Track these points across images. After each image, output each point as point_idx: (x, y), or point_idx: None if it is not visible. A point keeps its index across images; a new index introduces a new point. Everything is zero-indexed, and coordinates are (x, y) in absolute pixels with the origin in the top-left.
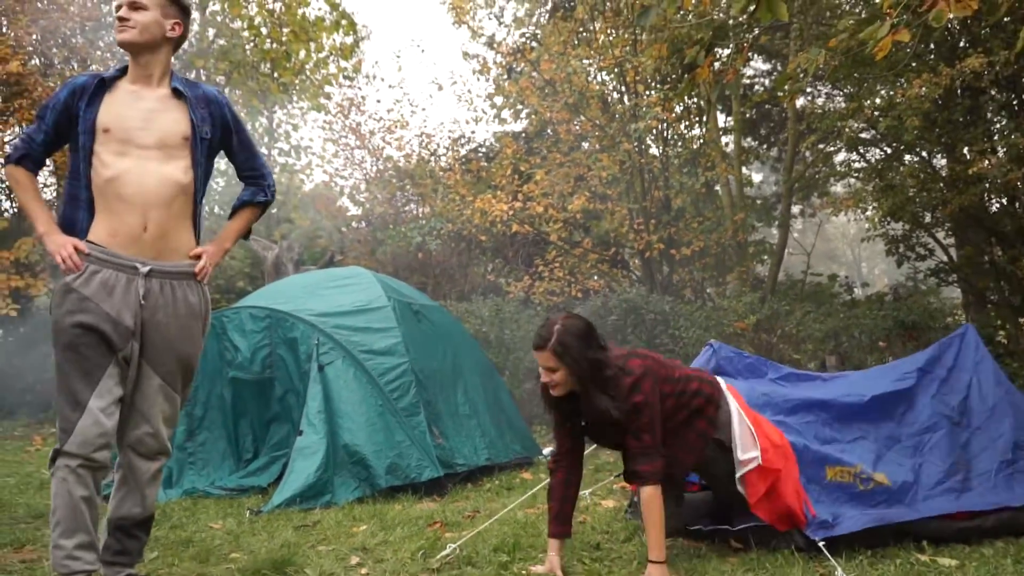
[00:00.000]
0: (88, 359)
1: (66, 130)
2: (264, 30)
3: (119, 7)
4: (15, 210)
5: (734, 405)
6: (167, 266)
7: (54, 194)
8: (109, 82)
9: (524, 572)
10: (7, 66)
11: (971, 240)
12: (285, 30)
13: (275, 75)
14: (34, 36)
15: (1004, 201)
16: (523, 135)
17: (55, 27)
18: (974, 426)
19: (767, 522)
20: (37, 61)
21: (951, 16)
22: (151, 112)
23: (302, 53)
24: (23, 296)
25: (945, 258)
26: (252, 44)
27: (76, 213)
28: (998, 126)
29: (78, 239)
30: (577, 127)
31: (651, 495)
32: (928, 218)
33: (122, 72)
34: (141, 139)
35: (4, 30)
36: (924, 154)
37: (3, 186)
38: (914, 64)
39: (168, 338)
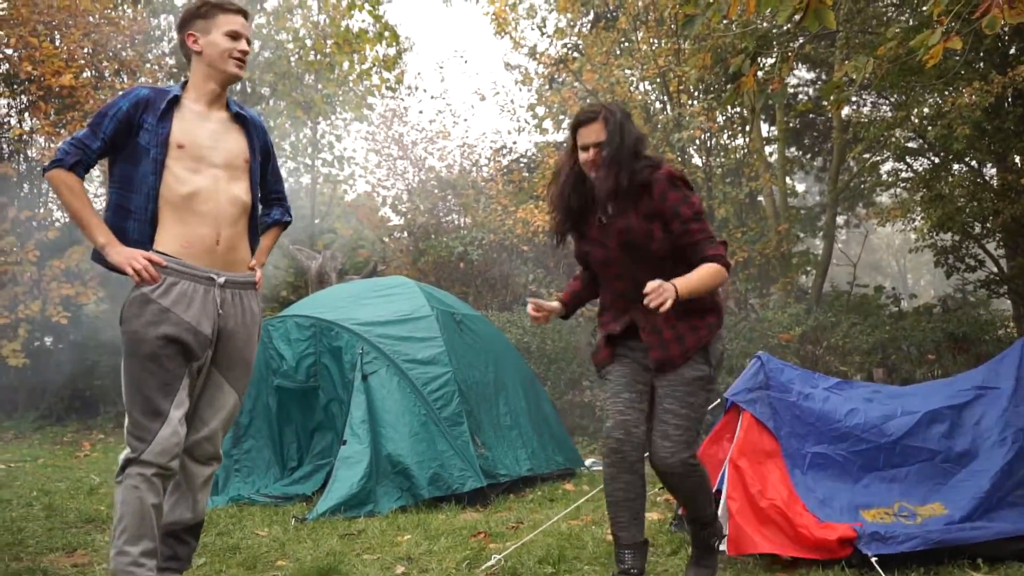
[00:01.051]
0: (169, 370)
1: (124, 140)
2: (308, 42)
3: (243, 39)
4: (66, 220)
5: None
6: (236, 277)
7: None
8: (177, 100)
9: None
10: (60, 79)
11: (1023, 251)
12: (329, 42)
13: (319, 86)
14: (86, 50)
15: None
16: (565, 145)
17: (106, 41)
18: None
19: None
20: (89, 74)
21: (1004, 23)
22: (217, 133)
23: (346, 64)
24: (73, 304)
25: (995, 269)
26: (297, 56)
27: (124, 223)
28: None
29: (143, 251)
30: None
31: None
32: (978, 229)
33: (182, 89)
34: (212, 158)
35: (58, 44)
36: (974, 163)
37: (54, 196)
38: (963, 72)
39: (238, 345)
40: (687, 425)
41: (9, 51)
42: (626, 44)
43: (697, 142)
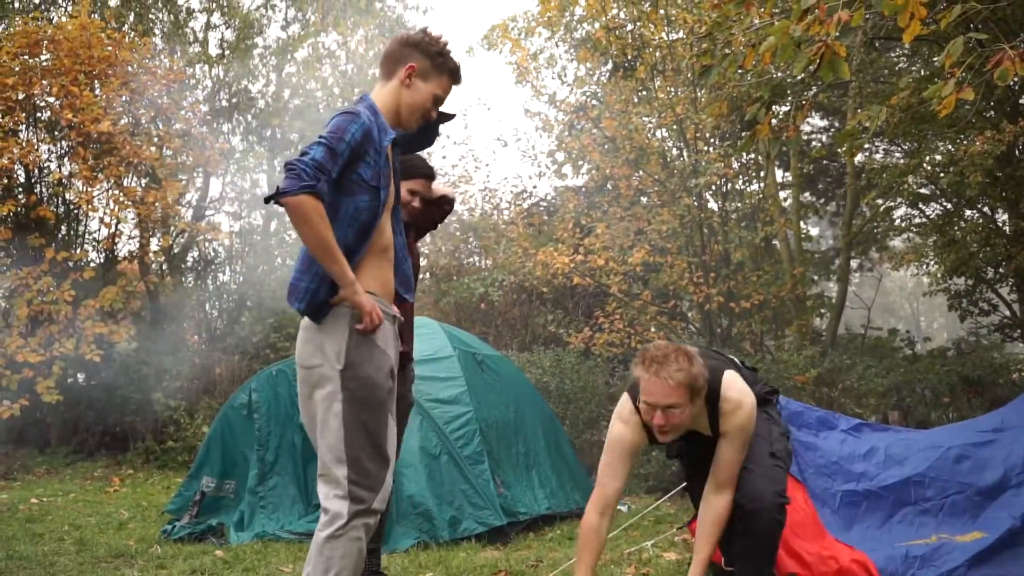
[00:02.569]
0: (391, 413)
1: (342, 169)
2: (337, 90)
3: (436, 109)
4: (102, 260)
5: None
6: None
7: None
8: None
9: None
10: (99, 125)
11: None
12: (356, 90)
13: None
14: (124, 97)
15: None
16: (584, 190)
17: (143, 88)
18: None
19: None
20: (126, 120)
21: (1016, 75)
22: None
23: None
24: (106, 342)
25: (1008, 313)
26: (325, 103)
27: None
28: None
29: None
30: (637, 182)
31: None
32: (991, 274)
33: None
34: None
35: (97, 92)
36: (987, 210)
37: (90, 237)
38: (975, 121)
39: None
40: None
41: (51, 99)
42: (644, 92)
43: (713, 187)
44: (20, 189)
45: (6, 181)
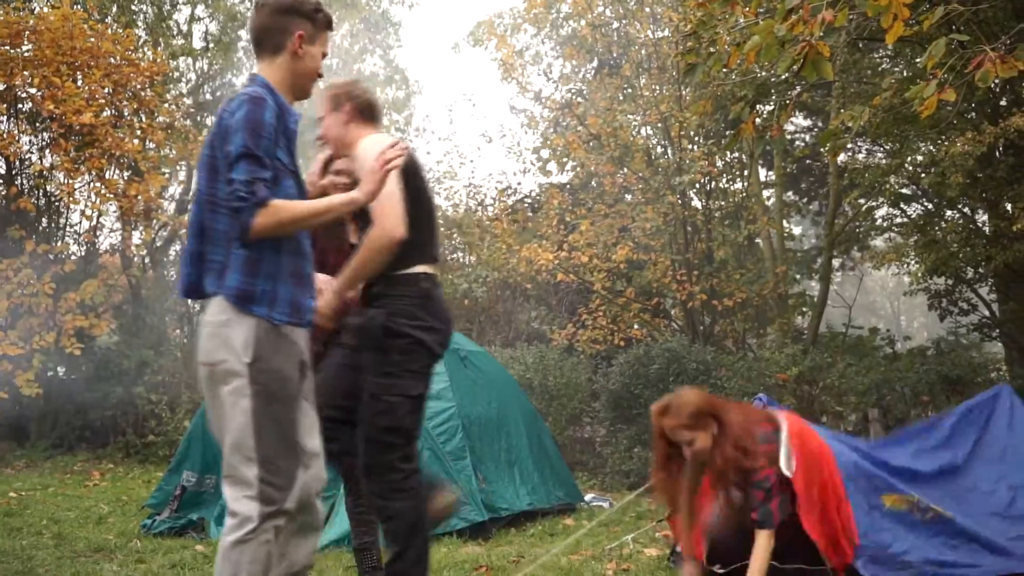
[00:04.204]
0: (303, 405)
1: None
2: (321, 84)
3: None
4: (83, 253)
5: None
6: None
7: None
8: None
9: None
10: (81, 117)
11: (1015, 295)
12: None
13: None
14: (106, 89)
15: None
16: (568, 187)
17: (126, 81)
18: (1017, 487)
19: (818, 544)
20: (108, 112)
21: (996, 77)
22: None
23: None
24: (86, 335)
25: (988, 313)
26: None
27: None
28: None
29: None
30: (622, 179)
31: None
32: (971, 274)
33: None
34: None
35: (79, 84)
36: (967, 210)
37: (71, 230)
38: (956, 122)
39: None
40: None
41: (33, 90)
42: (629, 90)
43: (697, 185)
44: (1, 180)
45: None
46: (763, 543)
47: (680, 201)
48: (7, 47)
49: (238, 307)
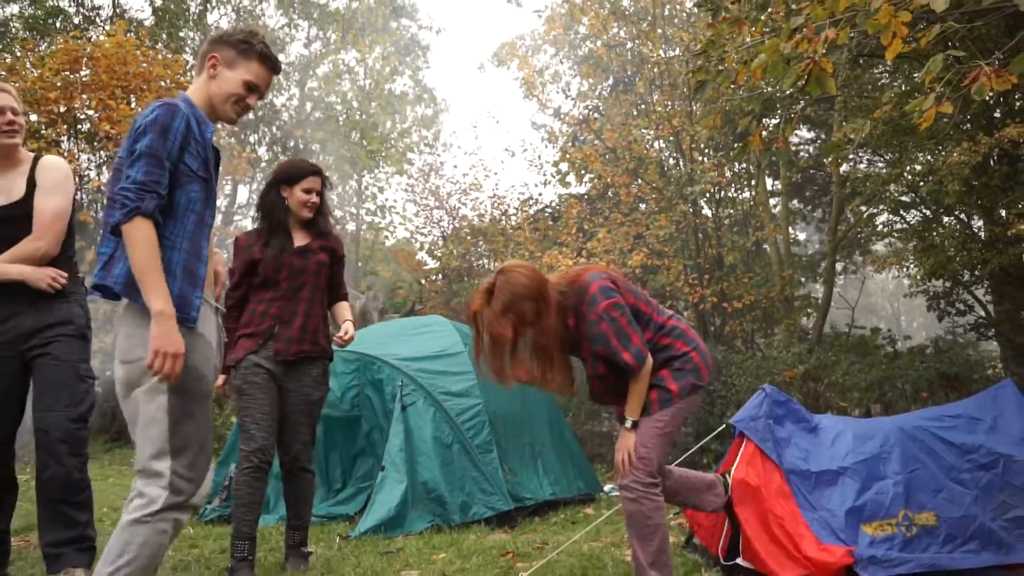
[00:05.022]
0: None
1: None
2: (355, 104)
3: (255, 96)
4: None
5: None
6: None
7: None
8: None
9: None
10: None
11: (1009, 297)
12: (374, 104)
13: (364, 143)
14: None
15: None
16: (586, 197)
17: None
18: (1015, 473)
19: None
20: None
21: (991, 90)
22: None
23: (388, 124)
24: None
25: (984, 314)
26: (345, 116)
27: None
28: None
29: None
30: (636, 190)
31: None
32: (967, 276)
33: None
34: None
35: (133, 105)
36: (963, 216)
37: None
38: (953, 133)
39: None
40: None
41: (90, 112)
42: (643, 106)
43: (708, 195)
44: None
45: None
46: (636, 382)
47: (691, 210)
48: (67, 73)
49: (131, 300)
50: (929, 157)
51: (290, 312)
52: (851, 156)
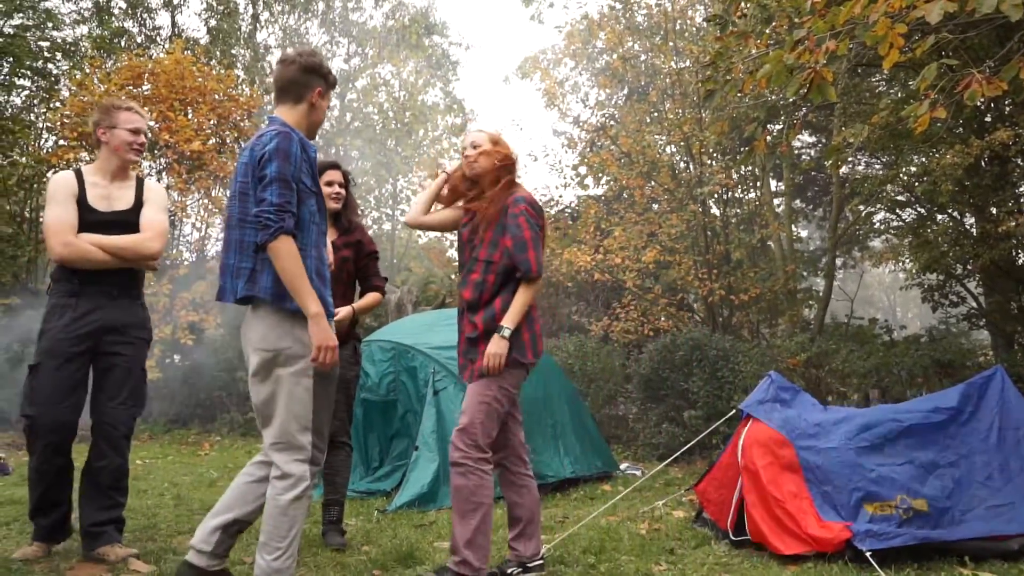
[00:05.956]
0: None
1: None
2: (391, 114)
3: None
4: (194, 259)
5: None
6: None
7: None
8: None
9: (610, 571)
10: (191, 145)
11: (1000, 289)
12: (408, 113)
13: (399, 150)
14: (212, 121)
15: None
16: (603, 198)
17: (228, 114)
18: (1005, 454)
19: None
20: (214, 141)
21: (983, 95)
22: None
23: (421, 132)
24: (197, 328)
25: (975, 305)
26: (381, 125)
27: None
28: None
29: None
30: (650, 191)
31: None
32: (960, 270)
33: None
34: None
35: (189, 117)
36: (956, 214)
37: (184, 239)
38: (946, 136)
39: None
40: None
41: (152, 123)
42: (656, 114)
43: (716, 196)
44: None
45: None
46: (525, 291)
47: (701, 209)
48: (131, 87)
49: (276, 304)
50: (924, 159)
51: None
52: (850, 159)
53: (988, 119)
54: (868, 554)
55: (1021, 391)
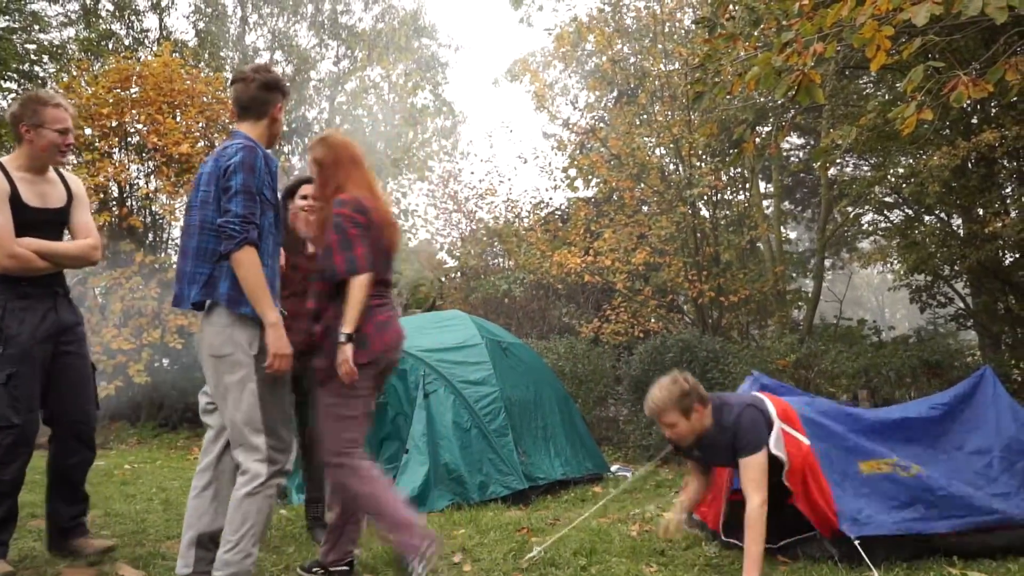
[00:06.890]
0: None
1: None
2: (380, 116)
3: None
4: None
5: (773, 412)
6: None
7: None
8: None
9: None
10: (179, 148)
11: (986, 290)
12: (397, 116)
13: (389, 152)
14: (200, 124)
15: (1017, 255)
16: (593, 200)
17: (217, 116)
18: (994, 453)
19: (809, 518)
20: (202, 143)
21: (969, 98)
22: None
23: (410, 134)
24: (186, 332)
25: (963, 306)
26: (370, 127)
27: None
28: (1010, 191)
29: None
30: (639, 193)
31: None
32: (947, 271)
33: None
34: None
35: (178, 119)
36: (943, 215)
37: (172, 243)
38: (933, 138)
39: None
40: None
41: (139, 126)
42: (645, 116)
43: (705, 197)
44: (114, 202)
45: (102, 196)
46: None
47: (690, 211)
48: (118, 90)
49: (230, 309)
50: (911, 161)
51: (301, 307)
52: (838, 160)
53: (974, 121)
54: (856, 542)
55: (1008, 391)
